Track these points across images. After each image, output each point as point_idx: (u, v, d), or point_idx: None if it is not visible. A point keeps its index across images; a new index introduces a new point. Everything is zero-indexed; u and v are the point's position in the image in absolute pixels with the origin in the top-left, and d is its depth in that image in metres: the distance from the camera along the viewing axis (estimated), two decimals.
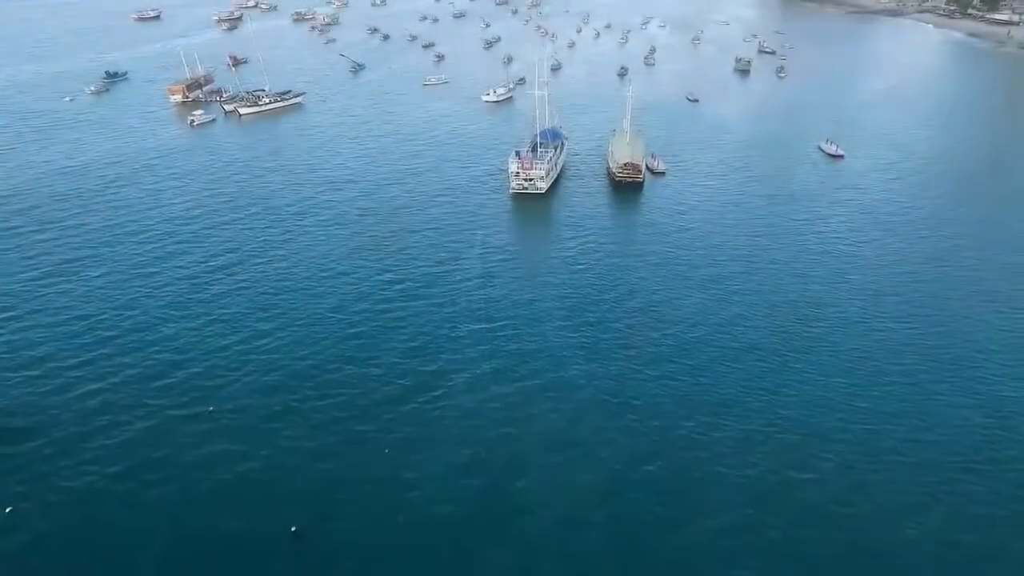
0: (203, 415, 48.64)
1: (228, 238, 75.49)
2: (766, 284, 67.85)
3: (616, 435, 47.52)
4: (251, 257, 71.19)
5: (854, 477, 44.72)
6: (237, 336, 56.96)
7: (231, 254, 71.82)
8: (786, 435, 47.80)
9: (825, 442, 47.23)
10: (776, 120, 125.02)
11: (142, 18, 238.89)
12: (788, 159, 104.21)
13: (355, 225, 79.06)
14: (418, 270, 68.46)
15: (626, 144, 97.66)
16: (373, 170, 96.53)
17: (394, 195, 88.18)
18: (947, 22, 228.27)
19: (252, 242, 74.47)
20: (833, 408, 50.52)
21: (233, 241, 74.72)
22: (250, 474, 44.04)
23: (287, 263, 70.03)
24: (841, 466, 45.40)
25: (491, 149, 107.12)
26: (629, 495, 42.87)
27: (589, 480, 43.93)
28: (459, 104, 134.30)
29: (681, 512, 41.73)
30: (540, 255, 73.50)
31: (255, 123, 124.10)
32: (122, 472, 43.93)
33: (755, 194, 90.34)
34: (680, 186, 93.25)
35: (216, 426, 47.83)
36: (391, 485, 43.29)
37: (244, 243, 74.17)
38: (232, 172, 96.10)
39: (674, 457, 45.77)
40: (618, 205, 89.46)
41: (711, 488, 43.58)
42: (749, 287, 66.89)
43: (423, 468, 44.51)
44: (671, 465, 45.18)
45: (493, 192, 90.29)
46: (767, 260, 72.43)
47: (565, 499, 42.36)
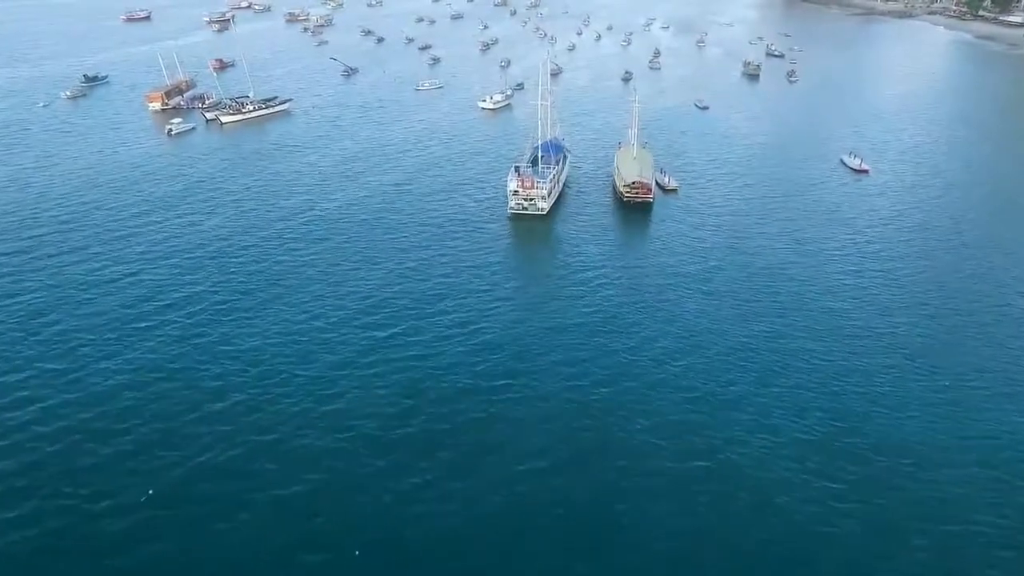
0: (134, 506, 39.17)
1: (188, 272, 65.49)
2: (818, 349, 57.21)
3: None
4: (207, 294, 61.40)
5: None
6: (183, 406, 47.17)
7: (184, 289, 61.96)
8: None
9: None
10: (793, 130, 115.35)
11: (131, 19, 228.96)
12: (810, 174, 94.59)
13: (332, 256, 68.84)
14: (403, 314, 58.58)
15: (633, 159, 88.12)
16: (357, 189, 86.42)
17: (380, 219, 78.28)
18: (958, 24, 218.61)
19: (212, 278, 64.50)
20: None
21: (194, 276, 64.83)
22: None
23: (250, 306, 59.96)
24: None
25: (487, 163, 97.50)
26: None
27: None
28: (454, 111, 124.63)
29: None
30: (543, 292, 63.34)
31: (237, 132, 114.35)
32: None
33: (779, 217, 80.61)
34: (694, 207, 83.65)
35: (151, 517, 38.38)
36: None
37: (204, 279, 64.16)
38: (204, 192, 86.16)
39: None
40: (627, 230, 79.85)
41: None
42: (793, 346, 56.26)
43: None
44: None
45: (489, 213, 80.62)
46: (807, 306, 62.27)
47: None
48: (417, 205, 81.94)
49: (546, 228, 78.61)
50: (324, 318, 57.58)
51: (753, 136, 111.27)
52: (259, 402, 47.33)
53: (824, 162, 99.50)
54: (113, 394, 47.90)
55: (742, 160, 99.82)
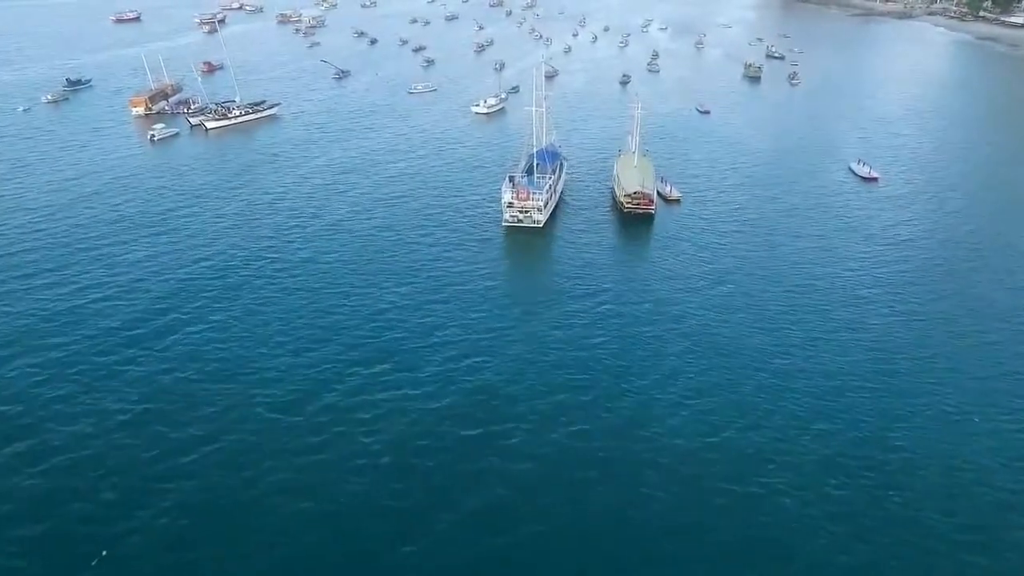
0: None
1: (162, 299, 60.24)
2: (839, 371, 53.00)
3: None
4: (179, 324, 56.30)
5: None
6: (148, 452, 42.28)
7: (156, 320, 56.89)
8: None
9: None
10: (798, 136, 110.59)
11: (121, 20, 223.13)
12: (819, 183, 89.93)
13: (316, 281, 63.41)
14: (392, 349, 53.42)
15: (634, 168, 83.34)
16: (345, 204, 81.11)
17: (367, 237, 73.19)
18: (959, 25, 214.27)
19: (186, 306, 59.23)
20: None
21: (167, 303, 59.69)
22: None
23: (224, 340, 54.64)
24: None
25: (480, 171, 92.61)
26: None
27: None
28: (447, 116, 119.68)
29: None
30: (542, 321, 57.80)
31: (223, 138, 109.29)
32: None
33: (789, 230, 75.83)
34: (698, 219, 78.91)
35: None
36: None
37: (178, 307, 58.85)
38: (184, 204, 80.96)
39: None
40: (629, 243, 75.20)
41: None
42: (811, 366, 51.92)
43: None
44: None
45: (483, 226, 75.77)
46: (822, 325, 57.74)
47: None
48: (406, 220, 76.96)
49: (543, 242, 73.81)
50: (306, 353, 52.45)
51: (757, 142, 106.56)
52: (229, 454, 42.39)
53: (832, 170, 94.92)
54: (73, 443, 42.97)
55: (747, 168, 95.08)
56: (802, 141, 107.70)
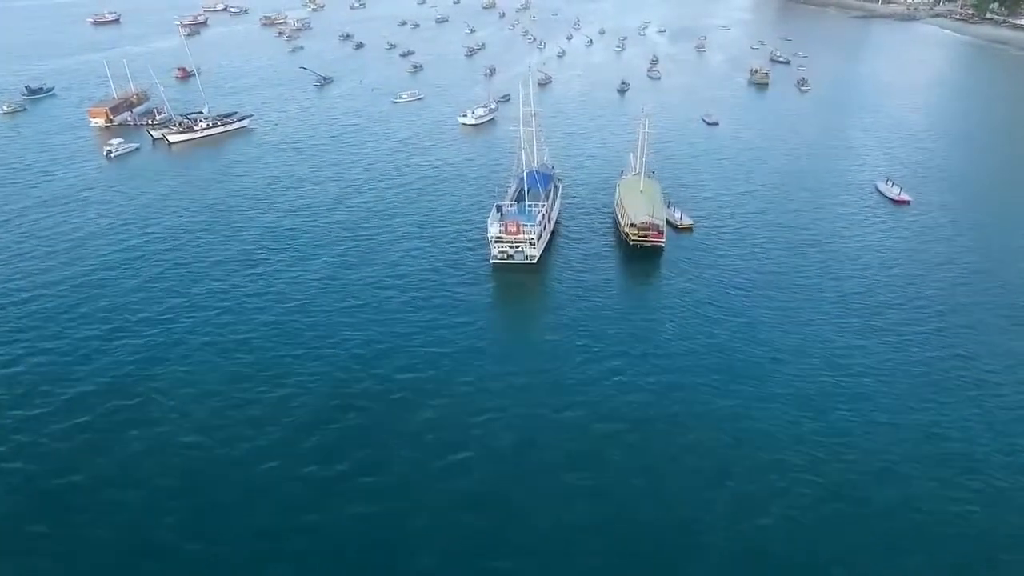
0: None
1: (95, 355, 48.98)
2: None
3: None
4: (111, 392, 44.95)
5: None
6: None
7: (83, 383, 45.61)
8: None
9: None
10: (815, 150, 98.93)
11: (99, 21, 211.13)
12: (845, 207, 78.56)
13: (271, 342, 51.59)
14: (357, 437, 41.94)
15: (639, 192, 71.93)
16: (312, 239, 68.97)
17: (331, 274, 61.95)
18: (966, 27, 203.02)
19: (122, 366, 48.10)
20: None
21: (99, 362, 48.43)
22: None
23: (162, 401, 43.90)
24: None
25: (465, 194, 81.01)
26: None
27: None
28: (433, 128, 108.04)
29: None
30: (538, 395, 46.29)
31: (186, 154, 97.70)
32: None
33: (817, 263, 64.49)
34: (713, 251, 67.64)
35: None
36: None
37: (111, 368, 47.71)
38: (133, 234, 69.63)
39: None
40: (636, 282, 64.05)
41: None
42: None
43: None
44: None
45: (467, 264, 64.47)
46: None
47: None
48: (380, 257, 65.28)
49: (536, 282, 62.50)
50: (254, 449, 40.92)
51: (773, 158, 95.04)
52: None
53: (858, 191, 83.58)
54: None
55: (763, 189, 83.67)
56: (821, 156, 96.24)
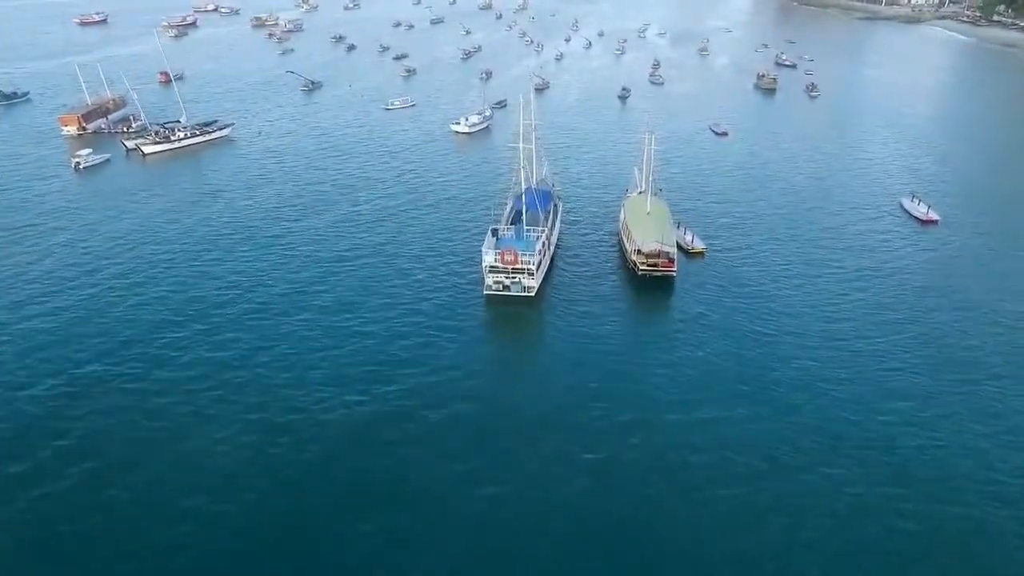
0: None
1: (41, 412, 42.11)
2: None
3: None
4: (58, 463, 37.82)
5: None
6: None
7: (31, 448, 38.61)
8: None
9: None
10: (831, 162, 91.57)
11: (85, 22, 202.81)
12: (868, 227, 71.45)
13: (235, 391, 44.66)
14: (320, 525, 35.38)
15: (647, 214, 64.69)
16: (287, 267, 61.40)
17: (306, 306, 54.92)
18: (974, 30, 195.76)
19: (62, 423, 41.06)
20: None
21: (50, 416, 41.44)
22: None
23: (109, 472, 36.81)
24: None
25: (457, 211, 73.86)
26: None
27: None
28: (425, 137, 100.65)
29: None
30: (542, 464, 39.03)
31: (161, 166, 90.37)
32: None
33: (844, 291, 57.53)
34: (728, 278, 60.52)
35: None
36: None
37: (53, 427, 40.76)
38: (92, 258, 62.45)
39: None
40: (646, 316, 57.13)
41: None
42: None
43: None
44: None
45: (459, 296, 57.35)
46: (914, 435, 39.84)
47: None
48: (362, 287, 57.96)
49: (535, 321, 55.44)
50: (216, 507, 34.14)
51: (788, 172, 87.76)
52: None
53: (881, 208, 76.42)
54: None
55: (779, 206, 76.56)
56: (839, 170, 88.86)
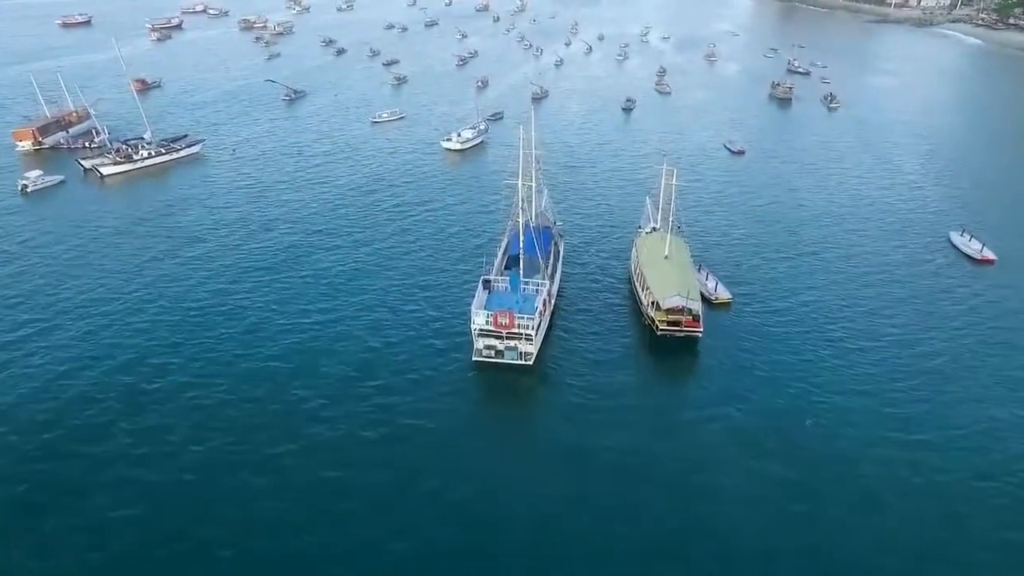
0: None
1: None
2: None
3: None
4: None
5: None
6: None
7: None
8: None
9: None
10: (865, 187, 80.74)
11: (68, 23, 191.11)
12: (919, 266, 61.45)
13: (177, 473, 34.98)
14: None
15: (663, 258, 54.16)
16: (247, 323, 51.23)
17: (257, 371, 44.59)
18: (991, 34, 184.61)
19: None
20: None
21: None
22: None
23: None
24: None
25: (444, 247, 63.32)
26: None
27: None
28: (413, 155, 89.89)
29: None
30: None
31: (121, 191, 79.79)
32: None
33: (900, 350, 47.51)
34: (762, 333, 50.37)
35: None
36: None
37: None
38: (25, 311, 52.11)
39: None
40: (667, 390, 46.89)
41: None
42: None
43: None
44: None
45: (442, 361, 46.89)
46: None
47: None
48: (328, 351, 47.80)
49: (534, 392, 45.29)
50: None
51: (816, 199, 76.95)
52: None
53: (927, 245, 66.09)
54: None
55: (812, 242, 65.97)
56: (876, 197, 78.02)
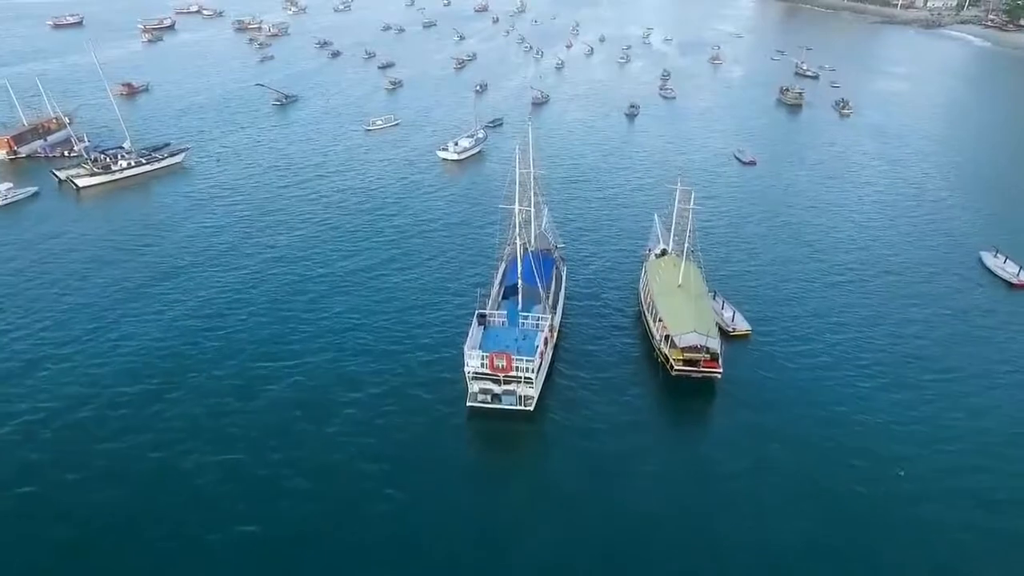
0: None
1: None
2: None
3: None
4: None
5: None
6: None
7: None
8: None
9: None
10: (885, 201, 75.44)
11: (60, 24, 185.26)
12: (944, 288, 56.29)
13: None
14: None
15: (677, 287, 48.83)
16: (218, 369, 45.78)
17: (221, 433, 39.40)
18: (1001, 37, 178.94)
19: None
20: None
21: None
22: None
23: None
24: None
25: (437, 273, 57.96)
26: None
27: None
28: (406, 165, 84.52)
29: None
30: None
31: (97, 204, 74.52)
32: None
33: (943, 385, 42.41)
34: (786, 370, 45.18)
35: None
36: None
37: None
38: None
39: None
40: (686, 439, 41.56)
41: None
42: None
43: None
44: None
45: (429, 407, 41.64)
46: None
47: None
48: (298, 401, 42.44)
49: (535, 441, 39.98)
50: None
51: (835, 215, 71.48)
52: None
53: (958, 267, 60.73)
54: None
55: (837, 266, 60.34)
56: (899, 213, 72.51)
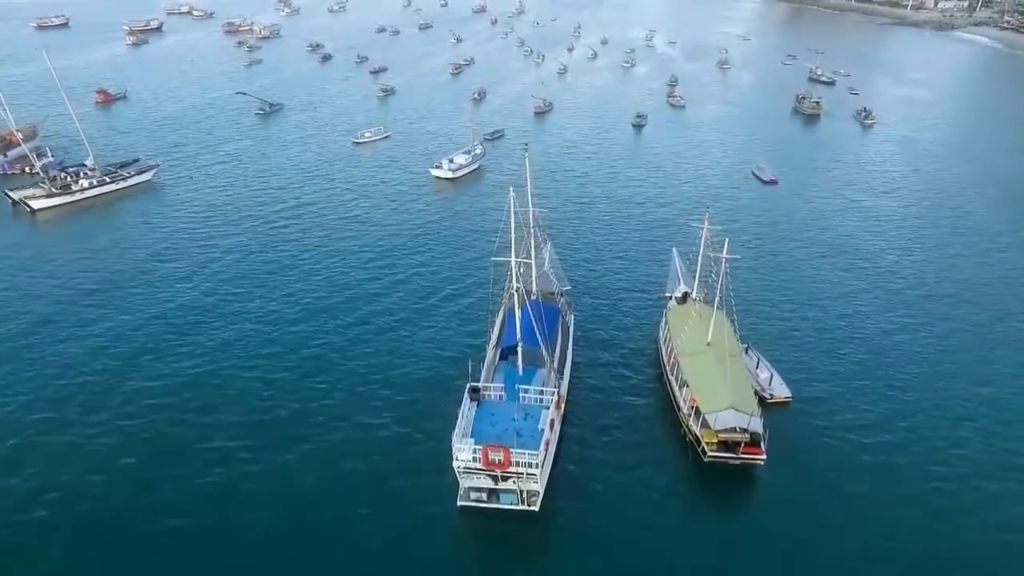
0: None
1: None
2: None
3: None
4: None
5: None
6: None
7: None
8: None
9: None
10: (928, 230, 67.00)
11: (44, 25, 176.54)
12: (1008, 339, 48.40)
13: None
14: None
15: (706, 346, 40.82)
16: (174, 448, 38.55)
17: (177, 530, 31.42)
18: (1018, 39, 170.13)
19: None
20: None
21: None
22: None
23: None
24: None
25: (425, 327, 49.54)
26: None
27: None
28: (396, 186, 76.20)
29: None
30: None
31: (53, 228, 66.58)
32: None
33: None
34: (841, 451, 37.27)
35: None
36: None
37: None
38: None
39: None
40: (722, 543, 33.53)
41: None
42: None
43: None
44: None
45: (411, 508, 33.71)
46: None
47: None
48: (265, 508, 34.50)
49: (541, 550, 32.02)
50: None
51: (873, 245, 63.15)
52: None
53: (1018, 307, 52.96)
54: None
55: (888, 312, 52.11)
56: (942, 242, 64.46)
